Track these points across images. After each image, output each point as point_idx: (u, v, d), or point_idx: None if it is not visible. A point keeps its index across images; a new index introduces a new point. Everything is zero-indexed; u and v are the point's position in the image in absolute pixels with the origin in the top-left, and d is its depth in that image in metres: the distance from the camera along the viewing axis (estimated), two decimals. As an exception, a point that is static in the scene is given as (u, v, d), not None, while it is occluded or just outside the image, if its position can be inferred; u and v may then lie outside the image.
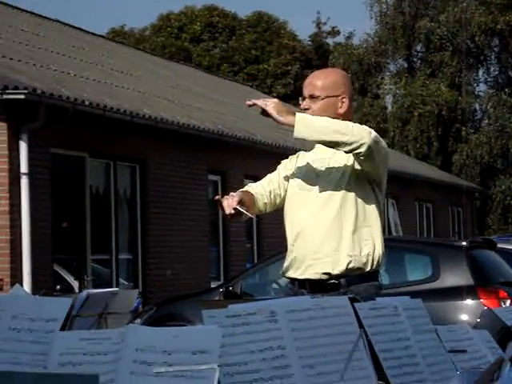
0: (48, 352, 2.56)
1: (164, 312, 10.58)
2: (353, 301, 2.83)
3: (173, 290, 12.11)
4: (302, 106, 3.89)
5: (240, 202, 3.70)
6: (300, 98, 3.95)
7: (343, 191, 3.78)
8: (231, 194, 3.78)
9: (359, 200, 3.79)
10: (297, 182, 3.90)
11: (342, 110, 3.88)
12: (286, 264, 3.87)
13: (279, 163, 4.09)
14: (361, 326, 2.67)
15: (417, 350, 2.81)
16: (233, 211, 3.68)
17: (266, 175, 4.08)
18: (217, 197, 3.76)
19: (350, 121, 3.85)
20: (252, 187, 3.98)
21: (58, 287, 11.30)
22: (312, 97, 3.86)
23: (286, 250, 3.94)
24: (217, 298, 9.79)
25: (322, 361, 2.57)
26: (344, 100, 3.88)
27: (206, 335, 2.43)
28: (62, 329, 2.89)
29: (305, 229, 3.77)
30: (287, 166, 4.00)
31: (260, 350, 2.51)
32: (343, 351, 2.60)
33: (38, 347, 2.69)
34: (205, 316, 2.49)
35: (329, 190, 3.79)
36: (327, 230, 3.74)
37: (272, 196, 3.94)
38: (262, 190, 3.94)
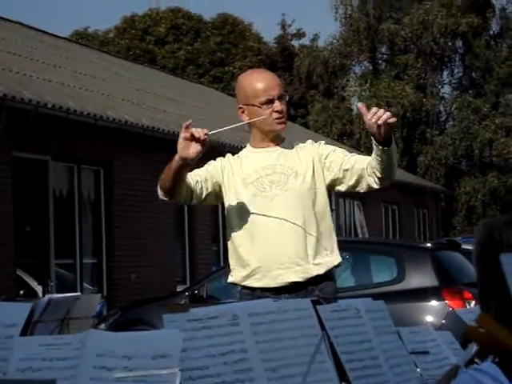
0: (8, 358, 2.53)
1: (129, 316, 10.51)
2: (316, 303, 2.82)
3: (138, 294, 12.04)
4: (277, 109, 3.78)
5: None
6: (257, 104, 3.79)
7: (305, 198, 3.74)
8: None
9: (320, 207, 3.77)
10: (249, 188, 3.76)
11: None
12: (243, 273, 3.72)
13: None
14: (323, 328, 2.67)
15: (379, 352, 2.80)
16: (202, 136, 3.60)
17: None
18: (188, 122, 3.65)
19: None
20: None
21: (22, 292, 11.19)
22: (281, 98, 3.80)
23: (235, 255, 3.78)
24: (182, 302, 9.76)
25: (284, 364, 2.56)
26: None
27: (166, 339, 2.41)
28: (24, 334, 2.85)
29: (268, 237, 3.70)
30: (221, 167, 3.84)
31: (222, 353, 2.49)
32: (305, 354, 2.59)
33: (-3, 353, 2.66)
34: (166, 320, 2.47)
35: (291, 198, 3.71)
36: (293, 238, 3.70)
37: (199, 187, 3.79)
38: (189, 178, 3.80)
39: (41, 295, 11.52)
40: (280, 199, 3.72)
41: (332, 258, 3.76)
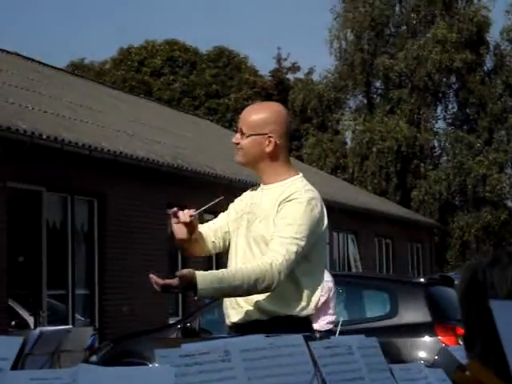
0: (-3, 392, 2.51)
1: (120, 348, 10.46)
2: (308, 339, 2.82)
3: (130, 326, 11.98)
4: (233, 140, 3.73)
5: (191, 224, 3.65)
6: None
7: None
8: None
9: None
10: (235, 225, 3.77)
11: (268, 149, 3.64)
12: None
13: (238, 197, 3.97)
14: (315, 365, 2.66)
15: (371, 390, 2.79)
16: (188, 219, 3.62)
17: (226, 209, 3.99)
18: (174, 209, 3.66)
19: (277, 160, 3.66)
20: (201, 229, 3.84)
21: (13, 323, 11.14)
22: (242, 132, 3.72)
23: None
24: (174, 335, 9.72)
25: (276, 401, 2.55)
26: (271, 139, 3.63)
27: (158, 375, 2.40)
28: (14, 368, 2.83)
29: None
30: (238, 203, 3.86)
31: (213, 389, 2.48)
32: (297, 391, 2.58)
33: (-13, 388, 2.64)
34: (157, 356, 2.46)
35: (258, 238, 3.64)
36: None
37: (219, 234, 3.80)
38: (208, 229, 3.81)
39: (32, 326, 11.46)
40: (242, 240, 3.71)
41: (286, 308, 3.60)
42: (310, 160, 33.36)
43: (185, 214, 3.67)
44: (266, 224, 3.61)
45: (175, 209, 3.70)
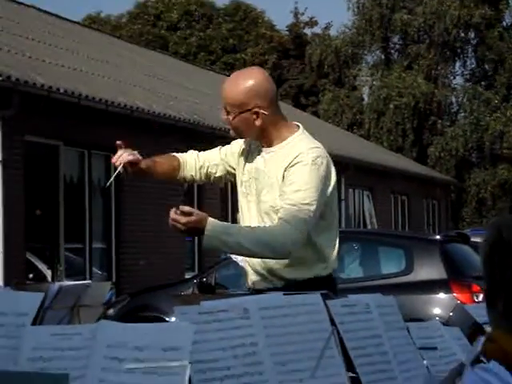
0: (19, 347, 2.55)
1: (137, 302, 10.56)
2: (326, 297, 2.83)
3: (146, 280, 12.08)
4: (223, 119, 3.62)
5: (134, 164, 3.63)
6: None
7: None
8: (132, 152, 3.67)
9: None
10: (241, 184, 3.70)
11: (258, 123, 3.52)
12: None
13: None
14: (333, 323, 2.68)
15: (388, 348, 2.81)
16: (117, 163, 3.62)
17: None
18: (118, 142, 3.63)
19: (271, 126, 3.55)
20: (185, 155, 3.84)
21: (31, 276, 11.25)
22: (227, 111, 3.58)
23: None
24: (191, 290, 9.79)
25: (293, 358, 2.57)
26: (257, 113, 3.51)
27: (177, 332, 2.42)
28: (34, 321, 2.87)
29: None
30: (237, 150, 3.75)
31: (232, 346, 2.50)
32: (315, 348, 2.60)
33: (9, 341, 2.68)
34: (177, 313, 2.49)
35: (267, 210, 3.59)
36: None
37: (204, 171, 3.79)
38: (193, 161, 3.80)
39: (50, 279, 11.57)
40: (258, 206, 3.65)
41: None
42: (326, 116, 33.22)
43: (118, 157, 3.64)
44: (273, 194, 3.54)
45: (119, 142, 3.66)
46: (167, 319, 9.61)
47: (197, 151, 3.88)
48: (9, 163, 10.46)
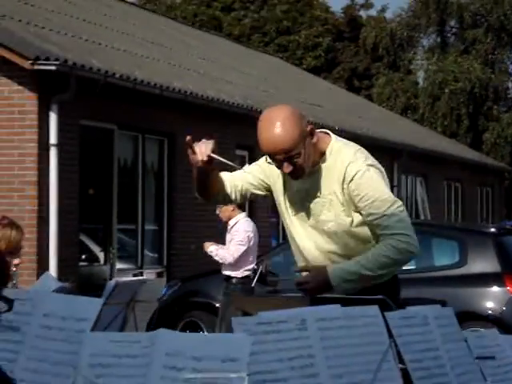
0: (78, 352, 2.57)
1: (188, 288, 10.65)
2: (384, 306, 2.81)
3: (197, 264, 12.14)
4: (286, 171, 3.48)
5: (214, 152, 3.51)
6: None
7: (346, 230, 3.56)
8: (203, 140, 3.56)
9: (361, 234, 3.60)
10: (290, 206, 3.64)
11: (315, 140, 3.50)
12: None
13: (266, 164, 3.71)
14: (390, 335, 2.66)
15: (446, 360, 2.79)
16: (205, 158, 3.50)
17: None
18: (188, 137, 3.52)
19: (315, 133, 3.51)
20: (224, 174, 3.77)
21: (84, 257, 11.39)
22: (290, 157, 3.45)
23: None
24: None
25: (350, 370, 2.56)
26: (312, 129, 3.50)
27: (235, 343, 2.43)
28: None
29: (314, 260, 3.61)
30: (271, 170, 3.67)
31: (289, 358, 2.51)
32: (372, 361, 2.59)
33: (69, 346, 2.71)
34: (234, 323, 2.49)
35: (333, 228, 3.55)
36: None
37: (241, 192, 3.74)
38: (231, 178, 3.75)
39: (102, 262, 11.71)
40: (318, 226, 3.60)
41: None
42: (379, 100, 32.93)
43: (202, 152, 3.52)
44: (334, 211, 3.51)
45: (189, 138, 3.54)
46: (217, 305, 9.66)
47: (229, 173, 3.80)
48: (65, 147, 10.57)
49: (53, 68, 10.11)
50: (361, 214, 3.50)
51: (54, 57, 10.17)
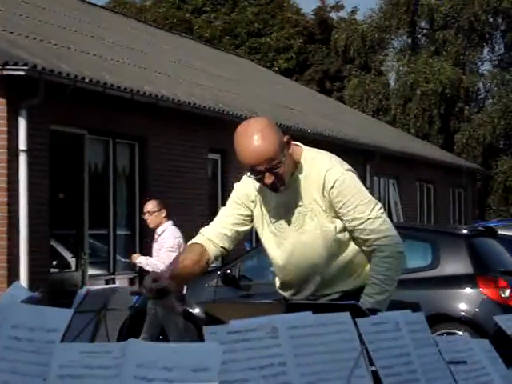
0: (48, 363, 2.54)
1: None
2: (355, 311, 2.80)
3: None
4: (268, 182, 3.46)
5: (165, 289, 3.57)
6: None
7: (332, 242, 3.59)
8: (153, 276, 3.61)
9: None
10: (271, 224, 3.66)
11: (290, 150, 3.51)
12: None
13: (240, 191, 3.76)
14: (362, 341, 2.65)
15: (417, 366, 2.78)
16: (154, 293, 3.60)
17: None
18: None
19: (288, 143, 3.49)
20: (209, 235, 3.76)
21: (55, 263, 11.30)
22: (271, 167, 3.43)
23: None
24: (214, 281, 9.78)
25: (323, 378, 2.55)
26: (289, 140, 3.50)
27: (206, 352, 2.41)
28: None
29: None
30: (246, 196, 3.68)
31: (261, 366, 2.49)
32: (344, 368, 2.58)
33: (38, 357, 2.67)
34: (206, 333, 2.47)
35: (318, 236, 3.57)
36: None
37: (231, 238, 3.76)
38: (219, 237, 3.75)
39: (74, 268, 11.62)
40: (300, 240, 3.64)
41: None
42: (351, 101, 33.04)
43: (149, 289, 3.63)
44: (318, 219, 3.52)
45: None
46: (190, 310, 9.63)
47: (219, 224, 3.80)
48: (34, 152, 10.49)
49: (22, 73, 10.03)
50: (341, 219, 3.52)
51: (22, 62, 10.10)
